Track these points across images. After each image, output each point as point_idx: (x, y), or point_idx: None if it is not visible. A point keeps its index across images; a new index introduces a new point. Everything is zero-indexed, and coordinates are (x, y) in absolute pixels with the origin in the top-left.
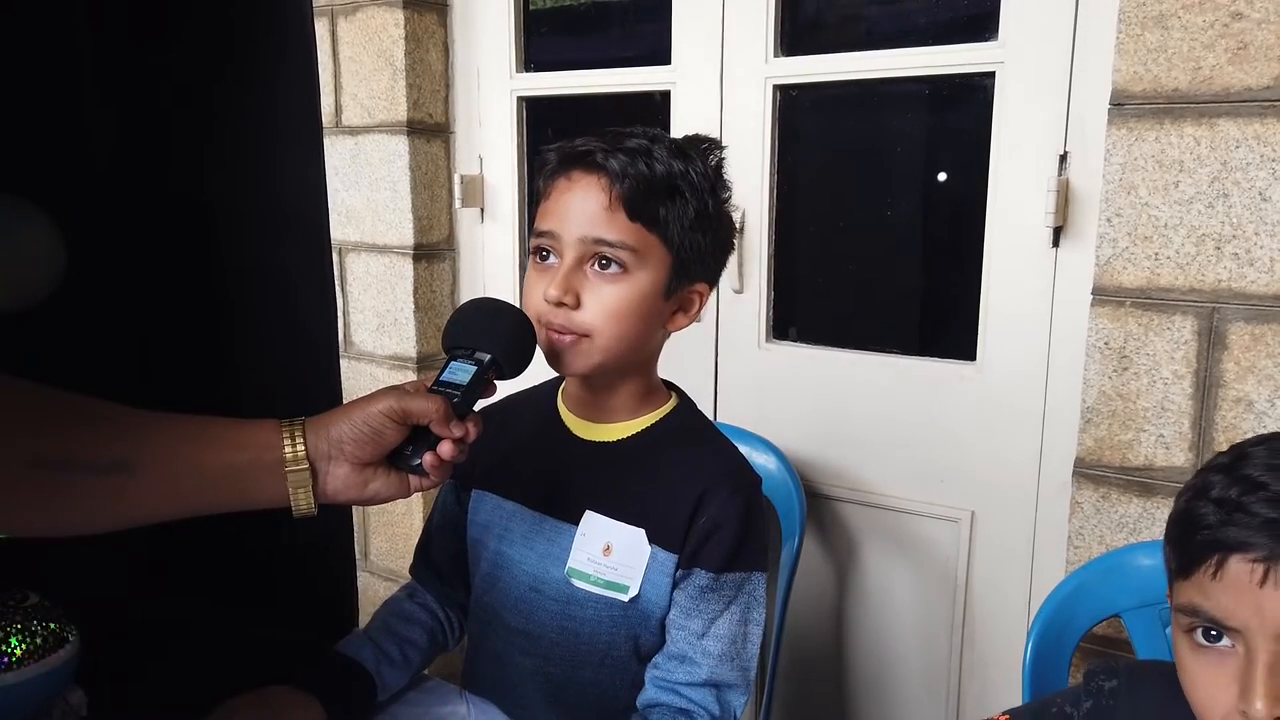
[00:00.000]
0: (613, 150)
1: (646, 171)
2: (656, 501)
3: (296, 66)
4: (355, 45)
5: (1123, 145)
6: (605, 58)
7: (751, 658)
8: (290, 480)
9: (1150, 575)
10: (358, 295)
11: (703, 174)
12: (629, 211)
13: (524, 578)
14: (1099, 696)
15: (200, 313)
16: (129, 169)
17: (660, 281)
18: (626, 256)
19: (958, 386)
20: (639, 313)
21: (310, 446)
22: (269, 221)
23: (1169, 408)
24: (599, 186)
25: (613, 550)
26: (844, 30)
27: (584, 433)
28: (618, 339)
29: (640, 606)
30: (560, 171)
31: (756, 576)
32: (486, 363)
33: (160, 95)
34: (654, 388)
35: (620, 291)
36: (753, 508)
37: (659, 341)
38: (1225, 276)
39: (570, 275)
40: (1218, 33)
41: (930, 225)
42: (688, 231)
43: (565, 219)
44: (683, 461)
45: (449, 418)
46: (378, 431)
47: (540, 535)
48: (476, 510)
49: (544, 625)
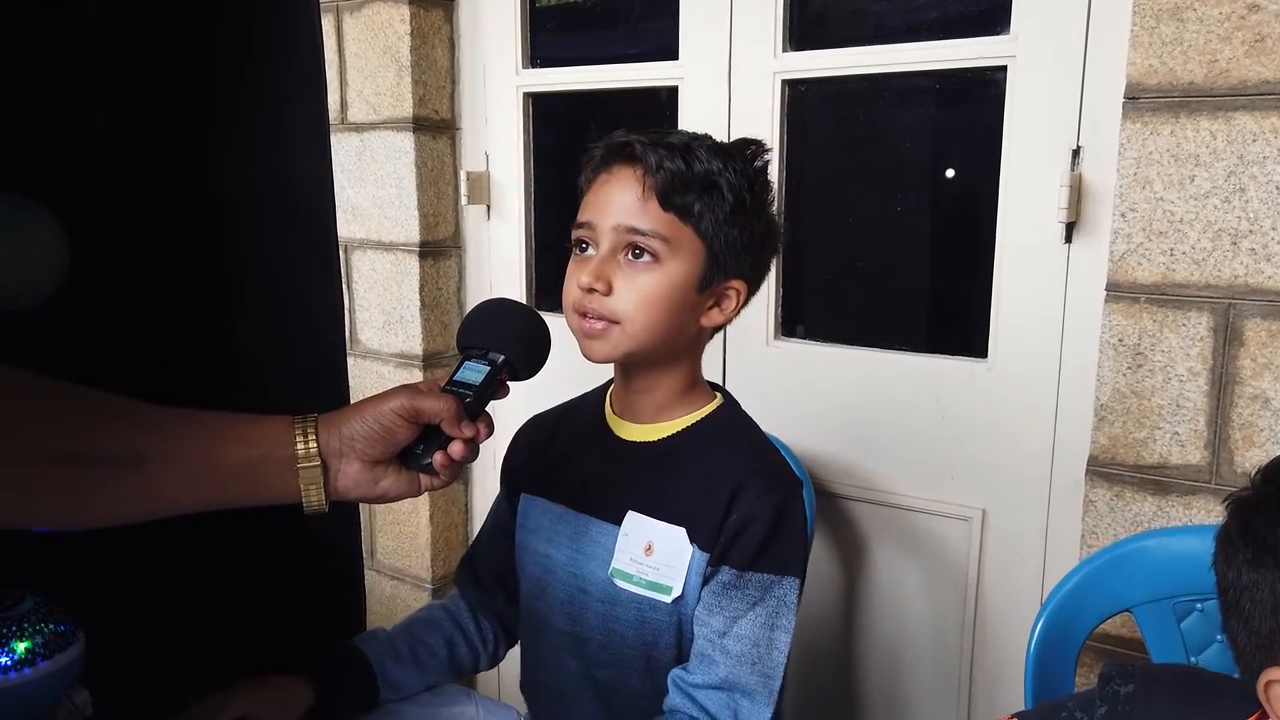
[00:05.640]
0: (651, 143)
1: (683, 164)
2: (695, 500)
3: (304, 62)
4: (361, 41)
5: (1137, 139)
6: (612, 54)
7: (776, 666)
8: (302, 476)
9: (1163, 565)
10: (363, 293)
11: (741, 172)
12: (662, 202)
13: (571, 579)
14: (1114, 703)
15: (208, 308)
16: (135, 164)
17: (694, 274)
18: (659, 246)
19: (969, 384)
20: (670, 302)
21: (322, 443)
22: (277, 217)
23: (1184, 405)
24: (634, 178)
25: (654, 550)
26: (853, 24)
27: (627, 433)
28: (647, 327)
29: (684, 609)
30: (601, 166)
31: (788, 582)
32: (500, 363)
33: (167, 91)
34: (697, 387)
35: (652, 280)
36: (788, 509)
37: (694, 336)
38: (1242, 272)
39: (604, 263)
40: (1234, 25)
41: (940, 221)
42: (722, 225)
43: (602, 210)
44: (722, 460)
45: (460, 418)
46: (389, 430)
47: (586, 536)
48: (526, 515)
49: (591, 627)
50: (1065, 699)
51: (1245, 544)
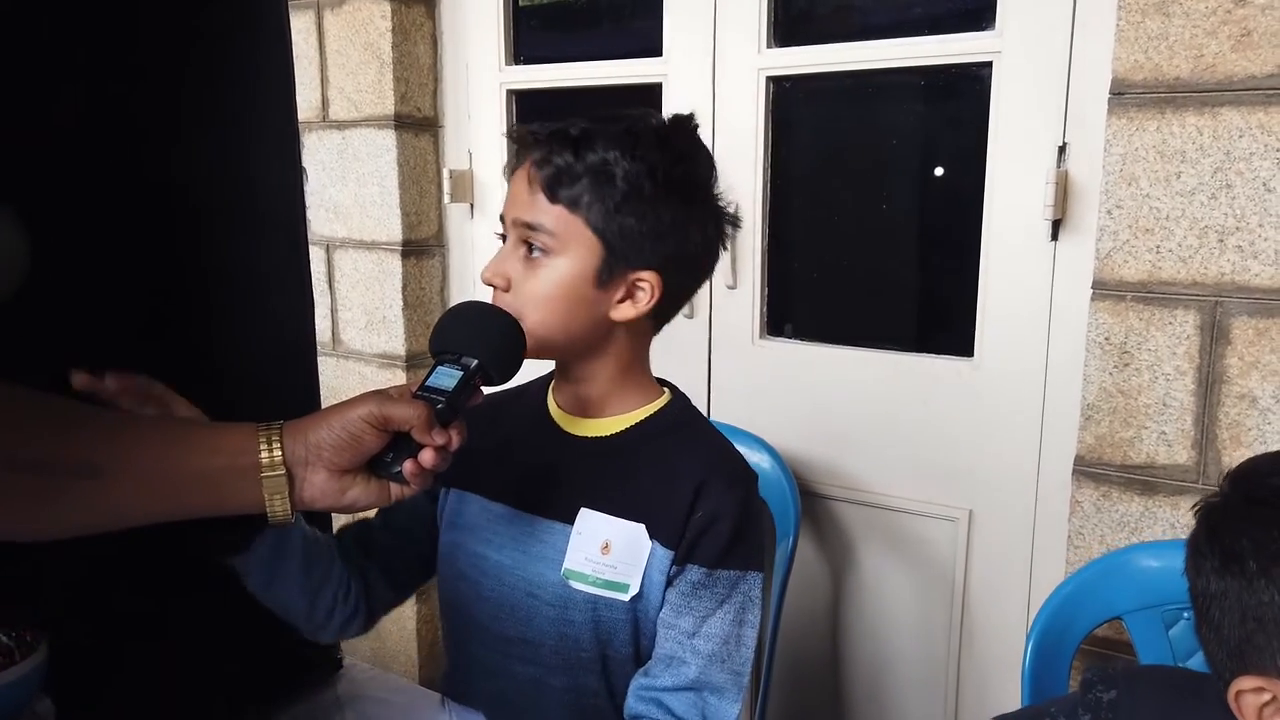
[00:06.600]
0: (546, 136)
1: (572, 157)
2: (654, 496)
3: (271, 62)
4: (342, 38)
5: (1123, 136)
6: (596, 51)
7: (745, 662)
8: (266, 486)
9: (1152, 576)
10: (346, 292)
11: (643, 157)
12: (548, 194)
13: (520, 583)
14: (1098, 710)
15: (172, 309)
16: (97, 163)
17: (589, 268)
18: (548, 240)
19: (955, 383)
20: (565, 298)
21: (287, 451)
22: (243, 218)
23: (1171, 404)
24: (528, 170)
25: (612, 548)
26: (838, 20)
27: (575, 428)
28: (543, 324)
29: (641, 606)
30: (516, 158)
31: (752, 576)
32: (473, 368)
33: (129, 91)
34: (640, 381)
35: (542, 275)
36: (750, 502)
37: (609, 331)
38: (1229, 269)
39: (504, 259)
40: (1220, 19)
41: (927, 219)
42: (614, 214)
43: (508, 203)
44: (680, 455)
45: (431, 425)
46: (357, 437)
47: (533, 538)
48: (458, 513)
49: (543, 632)
50: (1048, 704)
51: (1212, 552)
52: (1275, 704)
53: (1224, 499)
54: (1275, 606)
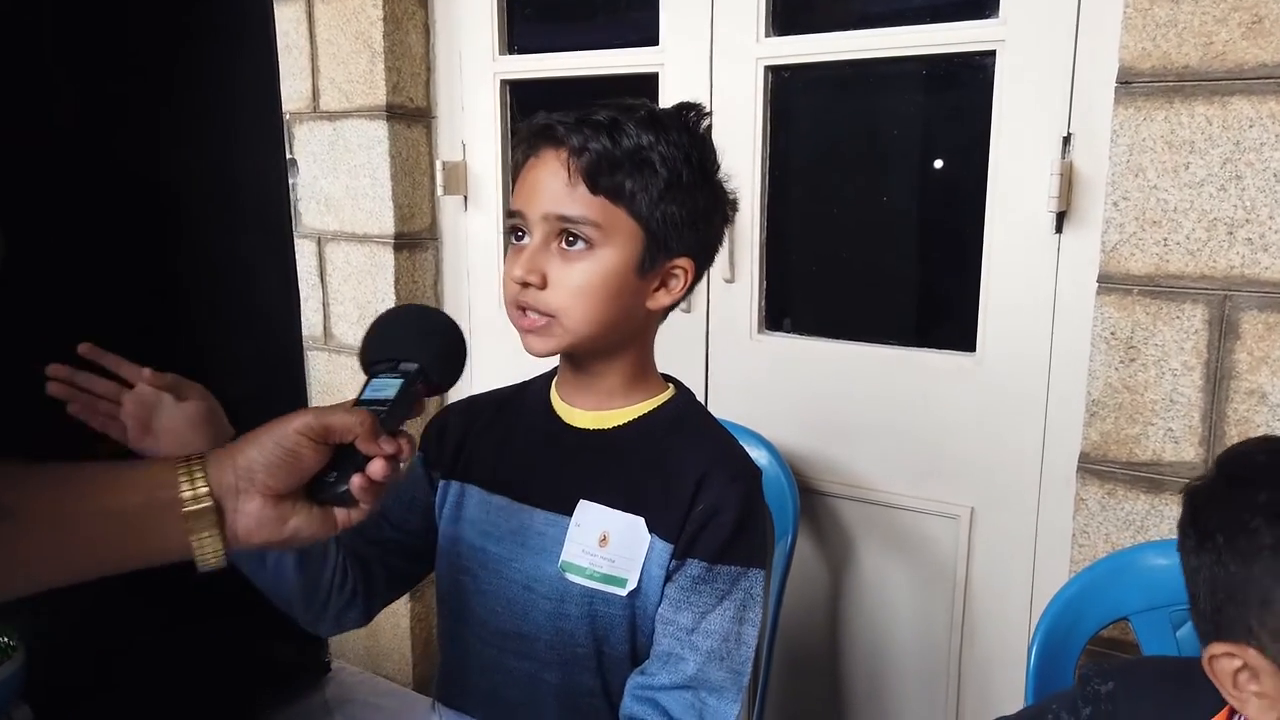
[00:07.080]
0: (575, 123)
1: (609, 143)
2: (655, 489)
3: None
4: (332, 28)
5: (1130, 126)
6: (591, 40)
7: (745, 661)
8: (188, 522)
9: (1160, 576)
10: (337, 286)
11: (676, 142)
12: (590, 185)
13: (517, 576)
14: (1097, 702)
15: (157, 305)
16: (81, 160)
17: (632, 257)
18: (591, 232)
19: (957, 379)
20: (609, 290)
21: (214, 480)
22: (228, 211)
23: (1178, 400)
24: (560, 161)
25: (610, 540)
26: (838, 8)
27: (577, 421)
28: (586, 320)
29: (639, 603)
30: (529, 150)
31: (754, 573)
32: (414, 373)
33: (114, 89)
34: (648, 374)
35: (586, 269)
36: (753, 498)
37: (642, 321)
38: (1238, 262)
39: (536, 255)
40: (1231, 6)
41: (928, 211)
42: (657, 203)
43: (531, 197)
44: (682, 448)
45: (377, 432)
46: (294, 453)
47: (530, 529)
48: (457, 505)
49: (538, 626)
50: (1048, 700)
51: (1192, 531)
52: (1247, 670)
53: (1208, 482)
54: (1239, 578)
